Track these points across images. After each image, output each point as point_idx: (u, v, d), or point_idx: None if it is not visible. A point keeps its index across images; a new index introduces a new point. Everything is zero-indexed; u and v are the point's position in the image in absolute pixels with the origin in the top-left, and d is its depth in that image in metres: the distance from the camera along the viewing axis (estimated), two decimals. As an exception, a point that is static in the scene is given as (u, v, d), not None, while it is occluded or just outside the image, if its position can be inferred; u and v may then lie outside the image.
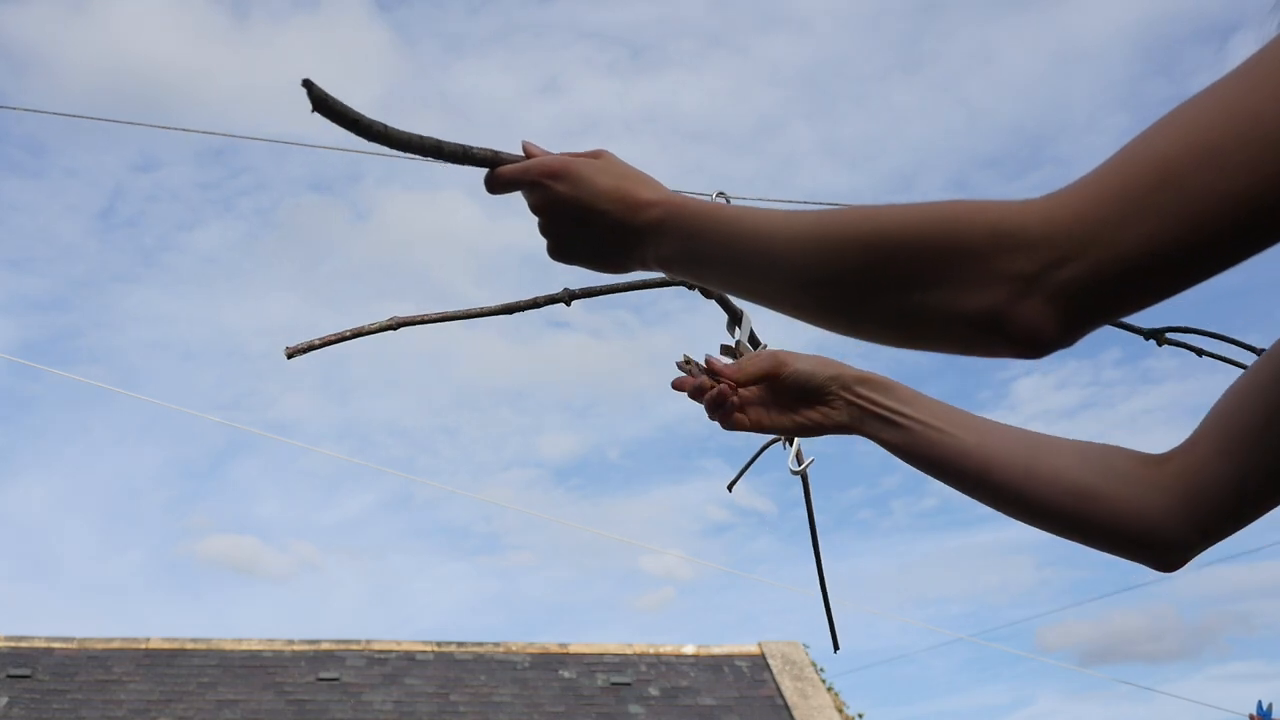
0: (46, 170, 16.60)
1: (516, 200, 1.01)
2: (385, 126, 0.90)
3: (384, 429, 18.26)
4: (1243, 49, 0.69)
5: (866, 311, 0.82)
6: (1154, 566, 1.09)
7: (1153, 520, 1.06)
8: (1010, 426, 1.14)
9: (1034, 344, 0.75)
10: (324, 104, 0.85)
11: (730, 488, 1.54)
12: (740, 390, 1.16)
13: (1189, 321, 1.78)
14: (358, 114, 0.87)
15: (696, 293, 1.27)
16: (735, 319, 1.21)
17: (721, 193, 1.11)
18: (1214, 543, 1.08)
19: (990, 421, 1.14)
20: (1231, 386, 1.05)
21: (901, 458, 1.15)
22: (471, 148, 0.98)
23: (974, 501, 1.13)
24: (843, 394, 1.15)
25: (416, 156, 0.95)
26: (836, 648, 1.57)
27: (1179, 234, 0.68)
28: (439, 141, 0.95)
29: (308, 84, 0.83)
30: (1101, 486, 1.07)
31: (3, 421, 17.63)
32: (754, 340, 1.20)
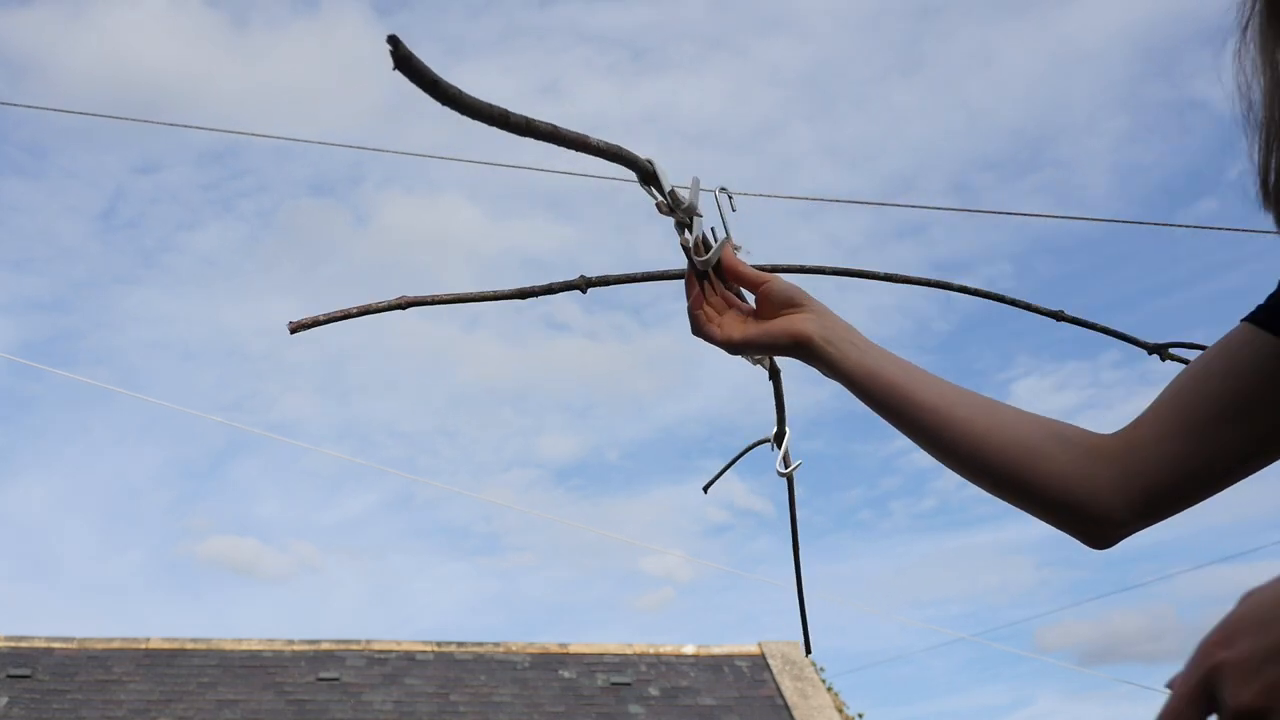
0: (47, 171, 16.60)
1: (516, 201, 1.02)
2: (459, 91, 0.92)
3: (384, 430, 18.26)
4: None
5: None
6: (1086, 540, 1.12)
7: (1093, 490, 1.09)
8: (967, 389, 1.18)
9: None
10: (406, 63, 0.87)
11: (706, 489, 1.52)
12: (717, 298, 1.22)
13: (1194, 326, 1.79)
14: (436, 75, 0.90)
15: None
16: (649, 179, 1.16)
17: (723, 188, 1.12)
18: (1151, 523, 1.10)
19: (945, 380, 1.18)
20: (1184, 371, 1.08)
21: (856, 387, 1.17)
22: (534, 120, 0.99)
23: (972, 502, 1.17)
24: (815, 307, 1.19)
25: (483, 123, 0.97)
26: (809, 650, 1.59)
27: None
28: (505, 111, 0.97)
29: (393, 40, 0.86)
30: (1049, 448, 1.10)
31: (3, 422, 17.64)
32: (706, 244, 1.19)
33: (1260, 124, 0.93)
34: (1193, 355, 1.74)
